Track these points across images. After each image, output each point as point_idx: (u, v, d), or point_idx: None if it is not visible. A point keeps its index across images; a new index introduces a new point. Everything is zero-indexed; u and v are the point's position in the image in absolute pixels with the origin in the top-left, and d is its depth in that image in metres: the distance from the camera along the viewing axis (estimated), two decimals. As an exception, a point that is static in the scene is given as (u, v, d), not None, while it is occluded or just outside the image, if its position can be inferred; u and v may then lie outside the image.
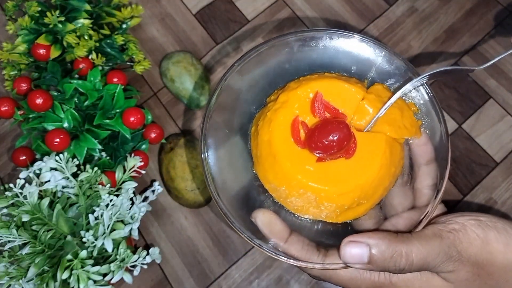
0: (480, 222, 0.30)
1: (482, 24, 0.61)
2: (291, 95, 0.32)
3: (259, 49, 0.34)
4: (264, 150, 0.32)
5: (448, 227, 0.30)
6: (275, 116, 0.32)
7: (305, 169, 0.30)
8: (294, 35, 0.35)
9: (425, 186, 0.32)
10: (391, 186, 0.33)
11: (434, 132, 0.33)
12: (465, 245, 0.29)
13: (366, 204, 0.32)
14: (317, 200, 0.31)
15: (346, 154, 0.31)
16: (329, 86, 0.32)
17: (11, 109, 0.50)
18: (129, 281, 0.43)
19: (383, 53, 0.34)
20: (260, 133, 0.32)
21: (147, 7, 0.63)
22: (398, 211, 0.32)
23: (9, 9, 0.55)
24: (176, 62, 0.56)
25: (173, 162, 0.52)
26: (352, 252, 0.28)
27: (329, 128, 0.30)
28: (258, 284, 0.51)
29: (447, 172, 0.32)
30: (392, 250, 0.28)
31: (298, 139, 0.31)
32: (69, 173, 0.44)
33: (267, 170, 0.32)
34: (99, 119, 0.49)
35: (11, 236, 0.41)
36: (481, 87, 0.58)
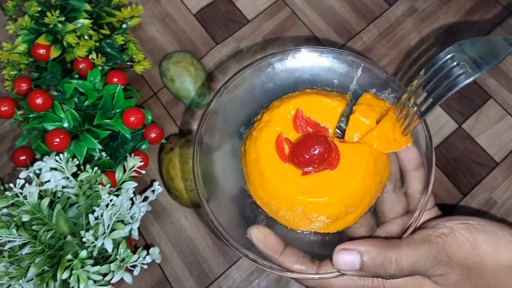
0: (469, 225, 0.30)
1: (482, 24, 0.61)
2: (274, 113, 0.34)
3: (243, 72, 0.36)
4: (252, 168, 0.33)
5: (437, 231, 0.30)
6: (260, 134, 0.33)
7: (291, 183, 0.32)
8: (275, 56, 0.36)
9: (416, 191, 0.33)
10: (378, 194, 0.34)
11: (417, 137, 0.34)
12: (454, 248, 0.29)
13: (355, 213, 0.33)
14: (306, 212, 0.32)
15: (330, 166, 0.32)
16: (309, 102, 0.34)
17: (11, 109, 0.50)
18: (129, 281, 0.43)
19: (362, 65, 0.36)
20: (248, 152, 0.34)
21: (147, 7, 0.63)
22: (390, 217, 0.33)
23: (9, 9, 0.55)
24: (176, 62, 0.56)
25: (173, 162, 0.52)
26: (344, 259, 0.29)
27: (309, 143, 0.31)
28: (258, 284, 0.51)
29: (432, 176, 0.32)
30: (382, 257, 0.28)
31: (283, 155, 0.32)
32: (69, 173, 0.44)
33: (257, 187, 0.33)
34: (99, 119, 0.49)
35: (11, 236, 0.41)
36: (481, 87, 0.58)
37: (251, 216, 0.34)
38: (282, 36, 0.61)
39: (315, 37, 0.61)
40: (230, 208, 0.35)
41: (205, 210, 0.33)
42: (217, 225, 0.32)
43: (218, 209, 0.33)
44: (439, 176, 0.54)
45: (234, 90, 0.36)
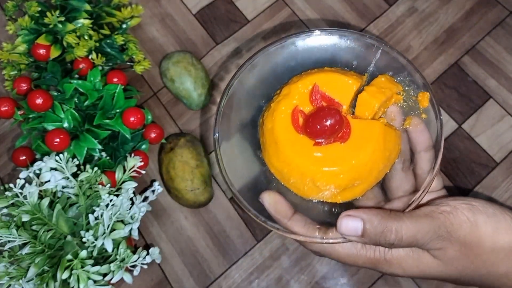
0: (471, 206, 0.31)
1: (482, 24, 0.61)
2: (293, 88, 0.36)
3: (267, 49, 0.38)
4: (268, 137, 0.35)
5: (440, 208, 0.31)
6: (277, 106, 0.35)
7: (303, 153, 0.34)
8: (299, 35, 0.39)
9: (425, 171, 0.34)
10: (386, 170, 0.35)
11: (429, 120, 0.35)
12: (455, 226, 0.30)
13: (362, 185, 0.34)
14: (315, 180, 0.33)
15: (341, 139, 0.34)
16: (326, 79, 0.36)
17: (11, 109, 0.50)
18: (129, 281, 0.43)
19: (381, 48, 0.37)
20: (265, 122, 0.36)
21: (147, 7, 0.63)
22: (397, 194, 0.35)
23: (9, 9, 0.55)
24: (176, 62, 0.56)
25: (173, 162, 0.52)
26: (348, 224, 0.30)
27: (321, 114, 0.33)
28: (258, 284, 0.51)
29: (440, 156, 0.33)
30: (383, 226, 0.30)
31: (297, 125, 0.34)
32: (69, 173, 0.44)
33: (271, 155, 0.35)
34: (99, 119, 0.49)
35: (11, 236, 0.41)
36: (481, 87, 0.58)
37: (264, 183, 0.36)
38: (282, 36, 0.61)
39: (315, 37, 0.61)
40: (245, 174, 0.37)
41: (221, 173, 0.35)
42: (232, 188, 0.34)
43: (234, 173, 0.35)
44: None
45: (257, 66, 0.38)
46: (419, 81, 0.36)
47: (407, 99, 0.36)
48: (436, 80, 0.59)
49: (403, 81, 0.36)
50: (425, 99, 0.35)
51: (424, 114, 0.35)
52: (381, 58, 0.37)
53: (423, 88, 0.36)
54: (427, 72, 0.59)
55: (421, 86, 0.36)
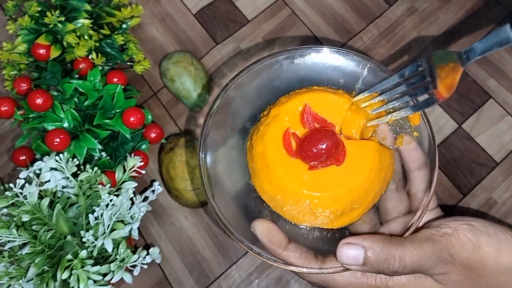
0: (472, 226, 0.31)
1: (482, 24, 0.61)
2: (282, 108, 0.34)
3: (251, 69, 0.37)
4: (259, 162, 0.34)
5: (440, 231, 0.31)
6: (267, 129, 0.34)
7: (298, 177, 0.32)
8: (283, 54, 0.37)
9: (419, 190, 0.33)
10: (382, 191, 0.34)
11: (421, 137, 0.34)
12: (457, 248, 0.30)
13: (359, 209, 0.33)
14: (311, 206, 0.32)
15: (336, 161, 0.32)
16: (316, 98, 0.34)
17: (11, 109, 0.50)
18: (129, 281, 0.43)
19: (368, 65, 0.36)
20: (254, 146, 0.34)
21: (147, 7, 0.63)
22: (393, 215, 0.33)
23: (9, 9, 0.55)
24: (176, 62, 0.56)
25: (173, 162, 0.52)
26: (348, 253, 0.29)
27: (317, 137, 0.31)
28: (258, 284, 0.51)
29: (435, 176, 0.33)
30: (386, 253, 0.29)
31: (290, 149, 0.33)
32: (69, 173, 0.44)
33: (262, 181, 0.34)
34: (99, 119, 0.49)
35: (11, 236, 0.41)
36: (481, 87, 0.58)
37: (255, 211, 0.35)
38: (282, 36, 0.61)
39: (315, 37, 0.61)
40: (235, 202, 0.36)
41: (210, 204, 0.33)
42: (223, 219, 0.33)
43: (223, 203, 0.34)
44: (439, 176, 0.54)
45: (241, 86, 0.37)
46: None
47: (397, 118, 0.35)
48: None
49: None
50: (416, 117, 0.34)
51: (416, 132, 0.34)
52: (368, 75, 0.36)
53: None
54: (427, 72, 0.59)
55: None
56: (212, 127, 0.35)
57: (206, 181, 0.34)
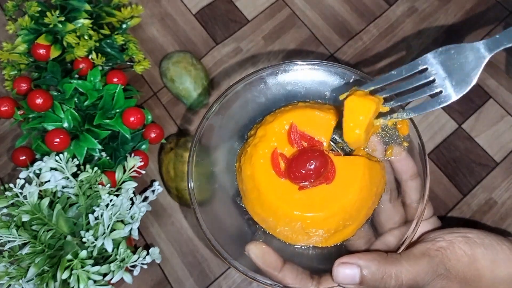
0: (467, 239, 0.31)
1: (482, 24, 0.61)
2: (268, 128, 0.34)
3: (235, 88, 0.36)
4: (248, 184, 0.33)
5: (436, 245, 0.30)
6: (255, 150, 0.33)
7: (288, 198, 0.32)
8: (267, 70, 0.36)
9: (413, 200, 0.33)
10: (375, 205, 0.34)
11: (412, 146, 0.34)
12: (453, 262, 0.30)
13: (352, 226, 0.33)
14: (304, 227, 0.32)
15: (326, 180, 0.32)
16: (302, 116, 0.34)
17: (11, 109, 0.50)
18: (129, 281, 0.43)
19: (353, 76, 0.35)
20: (243, 168, 0.33)
21: (147, 7, 0.63)
22: (388, 227, 0.33)
23: (9, 9, 0.55)
24: (176, 62, 0.56)
25: (173, 162, 0.52)
26: (344, 273, 0.29)
27: (305, 157, 0.31)
28: (258, 284, 0.51)
29: (427, 186, 0.32)
30: (382, 271, 0.29)
31: (279, 170, 0.32)
32: (69, 173, 0.44)
33: (254, 203, 0.33)
34: (99, 119, 0.49)
35: (11, 236, 0.41)
36: (481, 87, 0.58)
37: (248, 233, 0.34)
38: (282, 36, 0.61)
39: (315, 37, 0.61)
40: (227, 225, 0.35)
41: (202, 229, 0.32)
42: (215, 244, 0.32)
43: (215, 227, 0.33)
44: (439, 176, 0.54)
45: (227, 106, 0.36)
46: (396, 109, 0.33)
47: (386, 128, 0.34)
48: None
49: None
50: (405, 126, 0.34)
51: (405, 142, 0.34)
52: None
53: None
54: (427, 72, 0.59)
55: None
56: (200, 148, 0.35)
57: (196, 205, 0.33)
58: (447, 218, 0.52)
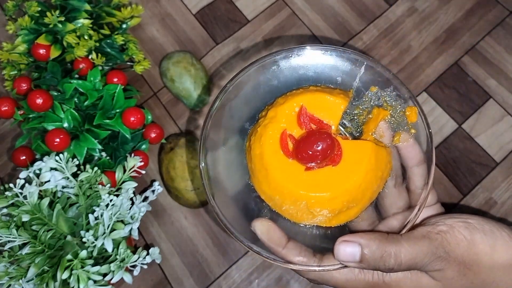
0: (468, 224, 0.31)
1: (482, 24, 0.61)
2: (279, 110, 0.35)
3: (248, 70, 0.37)
4: (257, 163, 0.34)
5: (436, 228, 0.31)
6: (264, 131, 0.34)
7: (295, 178, 0.33)
8: (280, 53, 0.37)
9: (418, 187, 0.34)
10: (380, 189, 0.34)
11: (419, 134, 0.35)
12: (452, 246, 0.30)
13: (356, 207, 0.33)
14: (309, 206, 0.33)
15: (333, 162, 0.33)
16: (313, 99, 0.35)
17: (11, 109, 0.50)
18: (129, 281, 0.43)
19: (365, 63, 0.36)
20: (253, 148, 0.35)
21: (147, 7, 0.63)
22: (392, 212, 0.34)
23: (9, 9, 0.55)
24: (176, 62, 0.56)
25: (173, 162, 0.52)
26: (345, 250, 0.30)
27: (312, 139, 0.32)
28: (258, 284, 0.51)
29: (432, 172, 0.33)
30: (382, 250, 0.29)
31: (287, 150, 0.33)
32: (69, 173, 0.44)
33: (261, 182, 0.34)
34: (99, 119, 0.49)
35: (11, 236, 0.41)
36: (481, 87, 0.58)
37: (255, 210, 0.35)
38: (282, 36, 0.61)
39: (315, 37, 0.61)
40: (235, 202, 0.36)
41: (211, 204, 0.34)
42: (223, 219, 0.33)
43: (223, 203, 0.34)
44: (439, 176, 0.54)
45: (240, 87, 0.37)
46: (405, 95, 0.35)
47: (395, 114, 0.35)
48: (436, 80, 0.59)
49: (389, 95, 0.36)
50: (414, 114, 0.34)
51: (413, 129, 0.35)
52: (366, 73, 0.36)
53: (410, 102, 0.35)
54: (427, 72, 0.59)
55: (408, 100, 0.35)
56: (211, 128, 0.36)
57: (206, 182, 0.34)
58: (447, 218, 0.53)
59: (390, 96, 0.36)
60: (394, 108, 0.35)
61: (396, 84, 0.35)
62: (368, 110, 0.37)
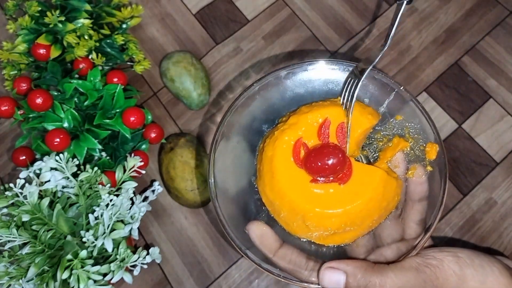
0: (458, 259, 0.31)
1: (482, 24, 0.61)
2: (301, 118, 0.34)
3: (278, 73, 0.37)
4: (266, 165, 0.34)
5: (426, 261, 0.31)
6: (281, 135, 0.34)
7: (298, 188, 0.32)
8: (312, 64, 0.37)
9: (414, 220, 0.33)
10: (382, 219, 0.34)
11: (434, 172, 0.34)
12: (441, 280, 0.30)
13: (353, 232, 0.33)
14: (305, 219, 0.32)
15: (340, 180, 0.32)
16: (339, 114, 0.34)
17: (11, 109, 0.50)
18: (129, 281, 0.43)
19: (395, 90, 0.35)
20: (265, 150, 0.34)
21: (147, 7, 0.63)
22: (387, 242, 0.34)
23: (9, 9, 0.55)
24: (176, 62, 0.56)
25: (173, 162, 0.52)
26: (330, 277, 0.30)
27: (325, 151, 0.31)
28: (258, 284, 0.51)
29: (440, 213, 0.32)
30: (367, 280, 0.29)
31: (298, 158, 0.33)
32: (69, 173, 0.44)
33: (266, 184, 0.34)
34: (99, 119, 0.49)
35: (11, 236, 0.41)
36: (481, 87, 0.58)
37: (253, 212, 0.35)
38: (282, 36, 0.61)
39: (315, 37, 0.61)
40: (236, 202, 0.36)
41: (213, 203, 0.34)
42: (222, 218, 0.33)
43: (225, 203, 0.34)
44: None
45: (265, 89, 0.37)
46: (429, 132, 0.34)
47: (415, 147, 0.35)
48: (436, 80, 0.59)
49: (413, 127, 0.35)
50: (434, 151, 0.34)
51: (430, 166, 0.34)
52: (394, 101, 0.35)
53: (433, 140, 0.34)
54: (427, 72, 0.59)
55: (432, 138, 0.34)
56: (229, 124, 0.36)
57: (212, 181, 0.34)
58: (447, 218, 0.53)
59: (414, 128, 0.35)
60: (415, 141, 0.35)
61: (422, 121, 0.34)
62: (389, 137, 0.36)
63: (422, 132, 0.34)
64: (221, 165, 0.35)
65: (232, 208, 0.35)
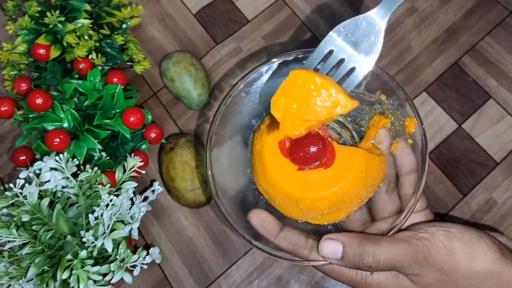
0: (448, 233, 0.33)
1: (482, 24, 0.61)
2: None
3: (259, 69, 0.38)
4: (257, 158, 0.36)
5: (418, 235, 0.33)
6: (267, 129, 0.36)
7: (288, 176, 0.34)
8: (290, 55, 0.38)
9: (408, 194, 0.35)
10: (370, 195, 0.36)
11: (415, 143, 0.36)
12: (431, 252, 0.32)
13: (344, 210, 0.35)
14: (298, 203, 0.34)
15: (324, 165, 0.34)
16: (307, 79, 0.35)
17: (11, 109, 0.50)
18: (129, 281, 0.43)
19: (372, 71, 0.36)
20: (255, 143, 0.36)
21: (147, 7, 0.63)
22: (384, 215, 0.36)
23: (9, 9, 0.55)
24: (176, 62, 0.56)
25: (173, 162, 0.52)
26: (328, 247, 0.32)
27: (305, 142, 0.33)
28: (258, 284, 0.51)
29: (423, 181, 0.34)
30: (361, 248, 0.31)
31: (284, 149, 0.35)
32: (69, 173, 0.44)
33: (259, 176, 0.36)
34: (99, 119, 0.49)
35: (11, 236, 0.41)
36: (481, 87, 0.58)
37: (253, 202, 0.37)
38: (282, 36, 0.61)
39: (315, 37, 0.61)
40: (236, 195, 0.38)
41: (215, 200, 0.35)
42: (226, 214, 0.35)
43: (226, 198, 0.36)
44: (439, 176, 0.54)
45: (250, 85, 0.39)
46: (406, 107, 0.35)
47: (395, 123, 0.36)
48: (436, 80, 0.59)
49: (391, 104, 0.36)
50: (412, 124, 0.35)
51: (411, 139, 0.36)
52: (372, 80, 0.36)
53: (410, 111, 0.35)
54: (427, 72, 0.59)
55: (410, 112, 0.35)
56: (220, 122, 0.37)
57: (211, 178, 0.36)
58: (447, 218, 0.52)
59: (392, 105, 0.36)
60: (395, 116, 0.36)
61: (399, 94, 0.36)
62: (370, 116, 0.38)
63: (400, 108, 0.36)
64: (218, 161, 0.37)
65: (232, 201, 0.37)
